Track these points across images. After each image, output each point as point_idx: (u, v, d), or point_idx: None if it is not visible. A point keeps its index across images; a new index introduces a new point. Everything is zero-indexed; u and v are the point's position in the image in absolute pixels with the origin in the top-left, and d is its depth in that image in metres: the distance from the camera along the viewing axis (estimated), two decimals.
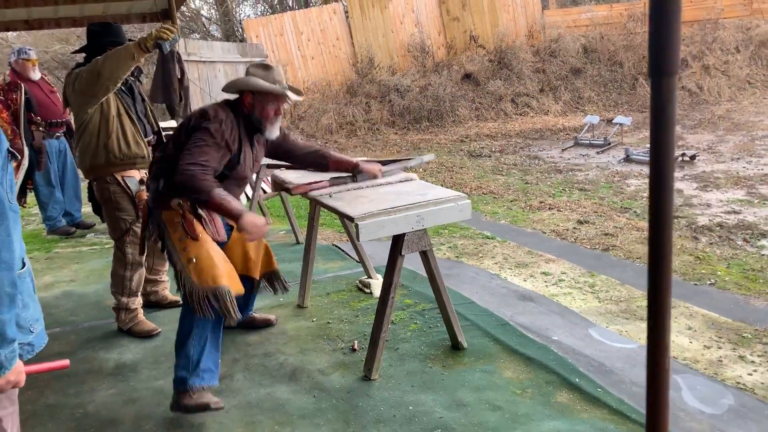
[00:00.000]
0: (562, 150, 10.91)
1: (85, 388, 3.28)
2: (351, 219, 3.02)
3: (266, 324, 3.87)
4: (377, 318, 3.23)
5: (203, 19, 19.37)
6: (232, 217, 2.75)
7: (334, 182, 3.56)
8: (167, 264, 4.13)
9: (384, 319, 3.20)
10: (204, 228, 2.90)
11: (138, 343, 3.78)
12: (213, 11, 19.47)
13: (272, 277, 3.49)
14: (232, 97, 3.12)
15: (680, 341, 3.56)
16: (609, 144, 10.94)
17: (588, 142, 11.17)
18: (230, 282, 2.83)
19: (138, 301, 3.91)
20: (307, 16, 13.92)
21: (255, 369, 3.38)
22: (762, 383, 3.07)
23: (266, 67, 3.02)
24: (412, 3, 14.38)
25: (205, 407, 2.83)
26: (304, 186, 3.52)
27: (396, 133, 12.93)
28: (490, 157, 10.70)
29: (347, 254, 5.20)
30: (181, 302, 2.94)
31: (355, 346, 3.55)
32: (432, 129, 13.13)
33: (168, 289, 4.31)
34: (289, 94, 3.03)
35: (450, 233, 6.19)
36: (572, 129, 12.50)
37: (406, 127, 13.17)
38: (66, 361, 1.75)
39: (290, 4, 18.51)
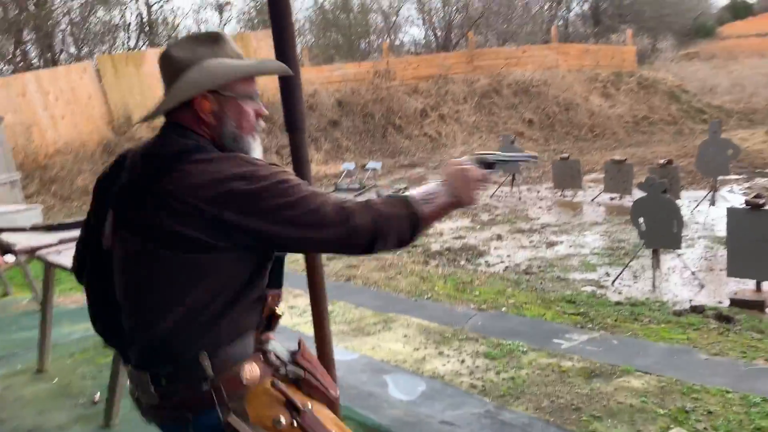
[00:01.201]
0: None
1: None
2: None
3: None
4: (114, 365, 3.36)
5: None
6: (452, 206, 1.56)
7: (63, 241, 3.65)
8: None
9: (119, 367, 3.35)
10: (313, 394, 1.59)
11: None
12: None
13: None
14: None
15: (395, 347, 4.20)
16: (364, 187, 11.98)
17: (346, 186, 12.12)
18: None
19: None
20: (54, 76, 13.27)
21: None
22: (450, 370, 3.78)
23: (215, 38, 1.54)
24: None
25: None
26: (31, 247, 3.56)
27: None
28: None
29: None
30: None
31: (96, 399, 3.62)
32: None
33: None
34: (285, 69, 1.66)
35: None
36: (333, 175, 13.46)
37: None
38: None
39: (37, 64, 17.40)
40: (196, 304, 1.40)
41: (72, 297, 5.80)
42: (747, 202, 5.24)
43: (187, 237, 1.37)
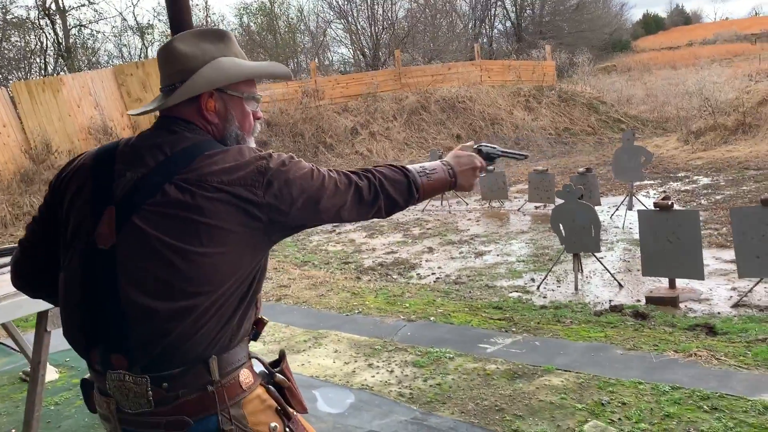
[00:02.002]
0: None
1: None
2: None
3: None
4: (29, 398, 3.23)
5: None
6: (449, 182, 1.69)
7: None
8: None
9: (35, 398, 3.22)
10: (294, 404, 1.60)
11: None
12: None
13: None
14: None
15: (326, 363, 4.20)
16: None
17: None
18: None
19: None
20: None
21: None
22: (379, 381, 3.81)
23: (221, 35, 1.57)
24: (88, 86, 14.04)
25: None
26: None
27: None
28: None
29: (12, 348, 4.93)
30: None
31: None
32: None
33: None
34: (289, 73, 1.78)
35: None
36: None
37: None
38: None
39: None
40: (213, 304, 1.38)
41: None
42: (656, 204, 5.54)
43: (214, 226, 1.35)
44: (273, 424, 1.47)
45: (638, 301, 5.53)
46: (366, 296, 5.92)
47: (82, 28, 22.20)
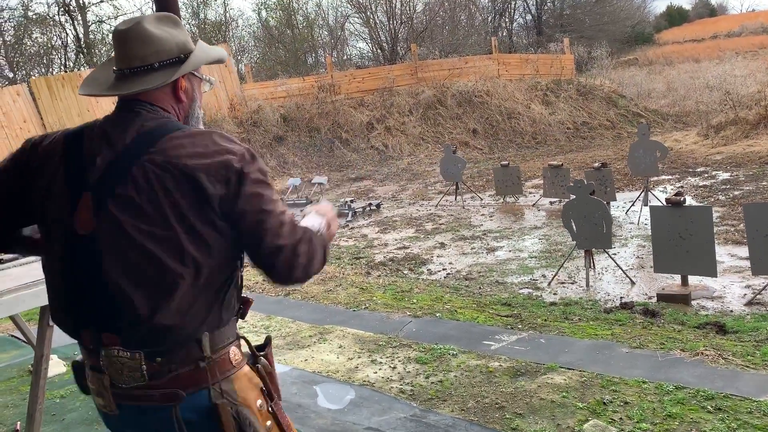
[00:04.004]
0: None
1: None
2: None
3: None
4: (32, 391, 3.27)
5: None
6: (332, 234, 1.69)
7: None
8: None
9: (38, 391, 3.26)
10: (272, 389, 1.63)
11: None
12: None
13: None
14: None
15: (329, 358, 4.20)
16: (311, 202, 11.95)
17: (293, 202, 12.07)
18: None
19: None
20: None
21: None
22: (381, 377, 3.80)
23: (175, 20, 1.60)
24: None
25: None
26: None
27: None
28: None
29: (22, 341, 5.01)
30: None
31: (17, 427, 3.51)
32: None
33: None
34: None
35: None
36: (279, 191, 13.38)
37: None
38: None
39: None
40: (197, 284, 1.41)
41: (3, 325, 5.62)
42: (667, 200, 5.45)
43: (181, 208, 1.38)
44: (259, 402, 1.52)
45: (650, 298, 5.45)
46: (374, 292, 5.91)
47: (102, 23, 22.42)
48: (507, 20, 35.73)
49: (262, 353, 1.61)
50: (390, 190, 12.86)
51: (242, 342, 1.57)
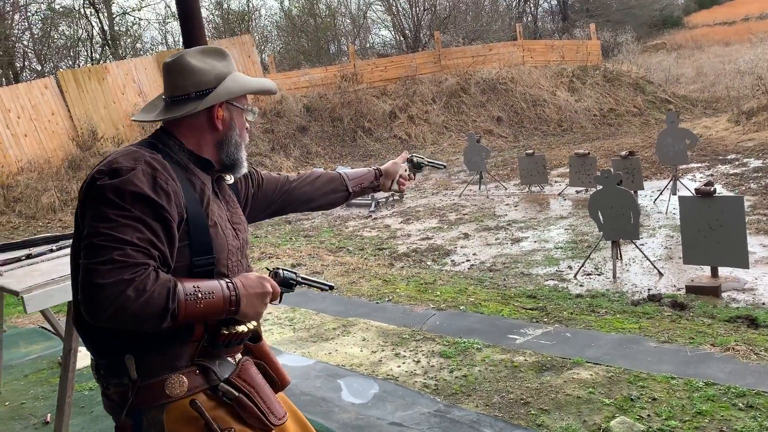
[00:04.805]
0: None
1: None
2: (16, 293, 3.12)
3: None
4: (61, 384, 3.32)
5: None
6: (227, 310, 1.49)
7: (6, 261, 3.60)
8: None
9: (67, 384, 3.31)
10: (246, 417, 1.55)
11: None
12: None
13: None
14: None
15: (353, 351, 4.20)
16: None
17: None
18: None
19: None
20: (14, 93, 13.09)
21: None
22: (405, 371, 3.79)
23: (222, 53, 1.69)
24: (132, 73, 14.32)
25: None
26: None
27: None
28: None
29: (52, 333, 5.10)
30: None
31: (48, 419, 3.58)
32: None
33: None
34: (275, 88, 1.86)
35: None
36: None
37: None
38: None
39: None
40: None
41: (30, 317, 5.72)
42: (697, 191, 5.33)
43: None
44: None
45: (678, 290, 5.35)
46: (397, 284, 5.89)
47: (126, 15, 22.61)
48: (532, 5, 35.21)
49: (225, 378, 1.53)
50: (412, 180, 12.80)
51: (210, 371, 1.52)
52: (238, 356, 1.65)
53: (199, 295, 1.43)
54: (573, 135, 15.77)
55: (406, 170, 2.28)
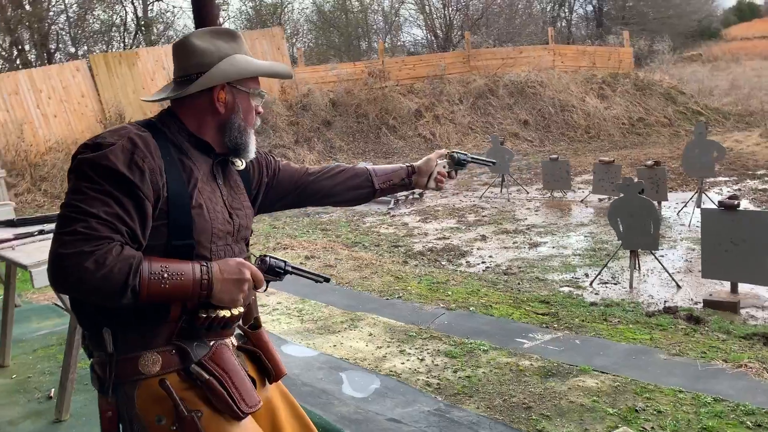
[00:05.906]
0: None
1: None
2: (25, 267, 3.15)
3: None
4: (65, 360, 3.35)
5: None
6: (197, 294, 1.47)
7: (19, 236, 3.64)
8: None
9: (71, 360, 3.34)
10: (215, 402, 1.51)
11: None
12: None
13: None
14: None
15: (358, 345, 4.17)
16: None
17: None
18: None
19: None
20: (46, 74, 13.31)
21: None
22: (408, 368, 3.75)
23: (233, 35, 1.67)
24: (162, 60, 14.46)
25: None
26: None
27: None
28: None
29: (64, 310, 5.15)
30: None
31: (51, 394, 3.61)
32: None
33: None
34: (290, 72, 1.84)
35: None
36: None
37: None
38: None
39: (32, 62, 17.47)
40: None
41: (45, 294, 5.80)
42: (720, 203, 5.20)
43: None
44: (159, 417, 1.46)
45: (696, 304, 5.23)
46: (409, 281, 5.85)
47: (160, 2, 22.83)
48: (566, 10, 34.87)
49: (196, 360, 1.50)
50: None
51: (189, 351, 1.50)
52: (229, 341, 1.63)
53: (165, 276, 1.40)
54: (600, 142, 15.56)
55: (444, 167, 2.14)
